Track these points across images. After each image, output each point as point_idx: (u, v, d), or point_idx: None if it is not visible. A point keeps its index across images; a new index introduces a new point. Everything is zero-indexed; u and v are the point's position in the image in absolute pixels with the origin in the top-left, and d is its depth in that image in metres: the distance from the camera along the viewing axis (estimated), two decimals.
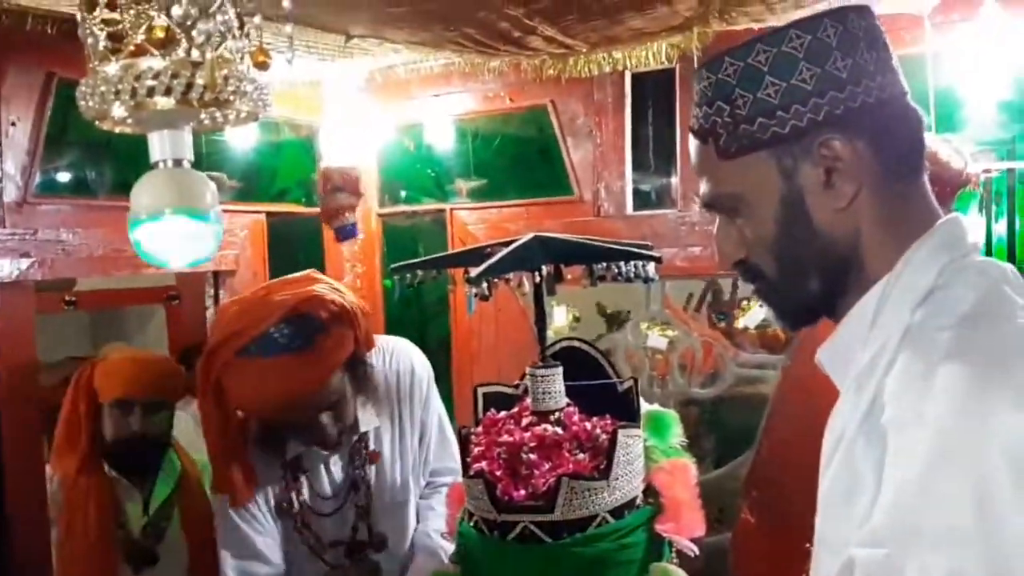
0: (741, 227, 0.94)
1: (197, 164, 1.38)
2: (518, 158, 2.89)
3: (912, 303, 0.84)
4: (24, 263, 1.68)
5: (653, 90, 2.37)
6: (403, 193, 2.82)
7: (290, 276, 1.74)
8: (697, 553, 1.38)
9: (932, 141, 1.68)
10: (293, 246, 2.56)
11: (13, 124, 1.71)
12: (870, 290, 0.88)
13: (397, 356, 1.86)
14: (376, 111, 2.58)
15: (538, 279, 1.36)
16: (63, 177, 2.46)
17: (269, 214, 2.33)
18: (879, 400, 0.80)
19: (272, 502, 1.76)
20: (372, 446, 1.81)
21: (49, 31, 1.71)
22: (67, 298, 3.14)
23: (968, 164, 1.74)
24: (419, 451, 1.87)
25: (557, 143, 2.42)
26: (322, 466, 1.80)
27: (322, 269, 2.54)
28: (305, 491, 1.77)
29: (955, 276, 0.84)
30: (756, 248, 0.94)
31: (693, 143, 0.96)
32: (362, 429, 1.79)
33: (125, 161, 2.51)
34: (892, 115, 0.89)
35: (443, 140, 2.75)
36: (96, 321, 4.41)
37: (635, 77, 2.32)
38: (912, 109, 0.92)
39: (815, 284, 0.92)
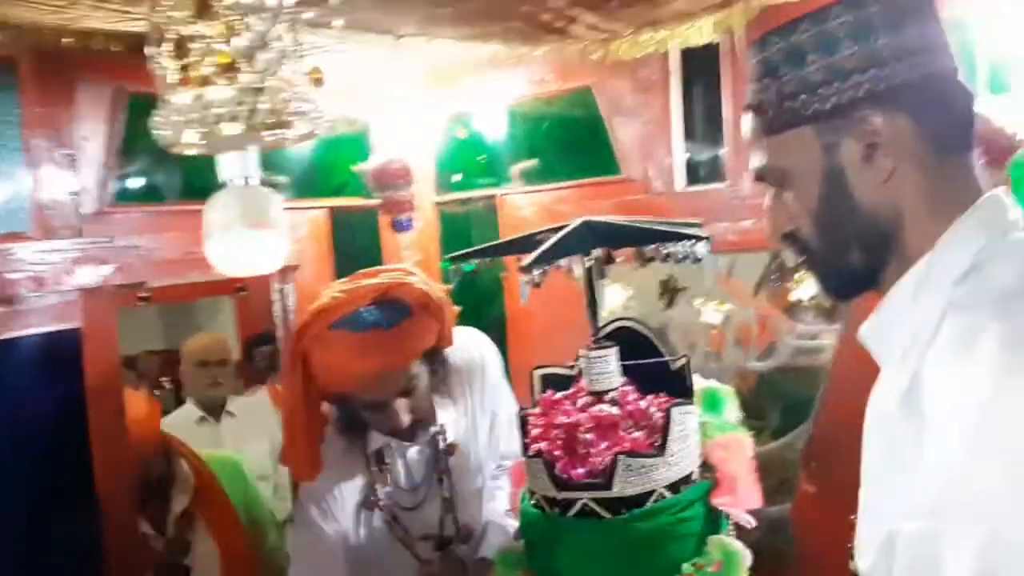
0: (789, 200, 0.97)
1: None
2: (566, 140, 2.89)
3: (952, 279, 0.85)
4: (105, 270, 1.79)
5: (699, 65, 2.35)
6: (457, 180, 2.87)
7: (386, 266, 1.87)
8: (754, 525, 1.41)
9: (987, 106, 1.66)
10: (352, 237, 2.63)
11: (85, 139, 1.80)
12: (912, 266, 0.90)
13: (467, 345, 1.93)
14: (427, 100, 2.62)
15: (588, 263, 1.40)
16: (135, 185, 2.56)
17: (330, 208, 2.41)
18: (920, 376, 0.82)
19: (359, 496, 1.83)
20: (450, 438, 1.88)
21: (116, 48, 1.80)
22: (141, 295, 3.27)
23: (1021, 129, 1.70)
24: (489, 437, 1.94)
25: (604, 123, 2.43)
26: (401, 460, 1.87)
27: (380, 259, 2.61)
28: (390, 484, 1.85)
29: (995, 252, 0.85)
30: (802, 220, 0.97)
31: (747, 117, 1.00)
32: (439, 422, 1.86)
33: (192, 168, 2.60)
34: (937, 91, 0.90)
35: (492, 126, 2.79)
36: (166, 314, 4.56)
37: (681, 53, 2.30)
38: (959, 85, 0.92)
39: (856, 257, 0.94)
